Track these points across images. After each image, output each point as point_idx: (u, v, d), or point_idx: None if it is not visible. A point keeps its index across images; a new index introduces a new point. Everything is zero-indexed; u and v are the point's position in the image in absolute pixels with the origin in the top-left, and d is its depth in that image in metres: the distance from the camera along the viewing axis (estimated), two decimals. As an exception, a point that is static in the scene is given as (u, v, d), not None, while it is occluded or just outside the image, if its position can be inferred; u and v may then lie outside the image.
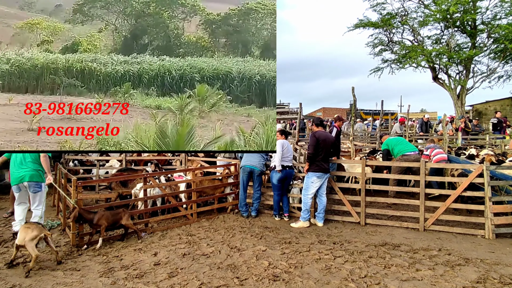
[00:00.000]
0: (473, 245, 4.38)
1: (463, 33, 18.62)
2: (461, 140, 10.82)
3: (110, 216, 4.45)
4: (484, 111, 23.01)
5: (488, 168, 4.77)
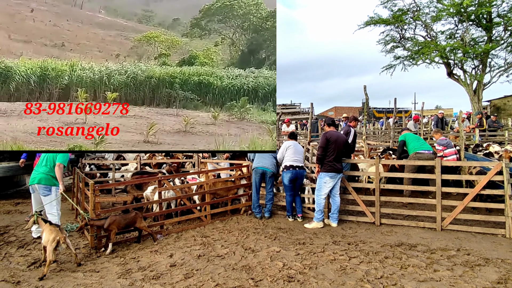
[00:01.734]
0: (493, 244, 4.27)
1: (478, 26, 18.12)
2: (478, 137, 10.52)
3: (122, 221, 4.48)
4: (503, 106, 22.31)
5: (507, 165, 4.63)
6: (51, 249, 3.65)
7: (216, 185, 5.86)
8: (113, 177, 7.48)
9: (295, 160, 5.56)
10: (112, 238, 4.38)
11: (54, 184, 4.79)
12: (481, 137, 11.02)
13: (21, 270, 3.81)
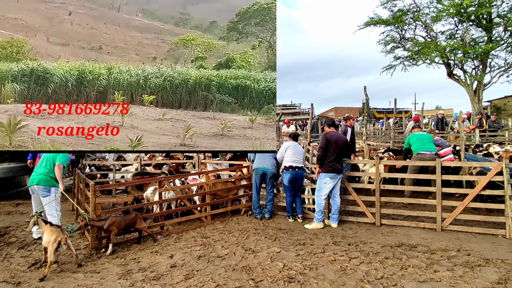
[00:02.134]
0: (493, 245, 4.27)
1: (478, 27, 18.13)
2: (478, 138, 10.52)
3: (122, 221, 4.48)
4: (503, 106, 22.30)
5: (507, 166, 4.63)
6: (52, 250, 3.65)
7: (217, 185, 5.87)
8: (113, 178, 7.49)
9: (294, 161, 5.57)
10: (112, 239, 4.38)
11: (54, 185, 4.79)
12: (481, 138, 11.02)
13: (22, 271, 3.82)
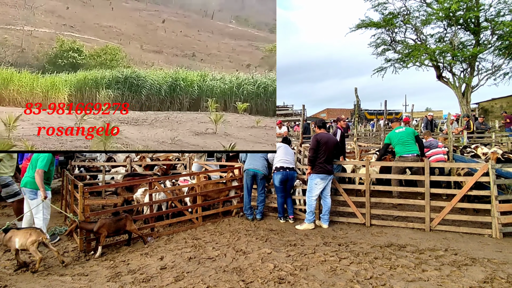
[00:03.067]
0: (480, 244, 4.35)
1: (466, 30, 18.53)
2: (466, 139, 10.73)
3: (112, 224, 4.43)
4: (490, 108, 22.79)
5: (493, 167, 4.73)
6: (34, 249, 3.74)
7: (208, 187, 5.85)
8: (103, 179, 7.40)
9: (285, 162, 5.59)
10: (102, 242, 4.32)
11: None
12: (469, 139, 11.23)
13: (8, 274, 3.75)
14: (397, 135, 6.69)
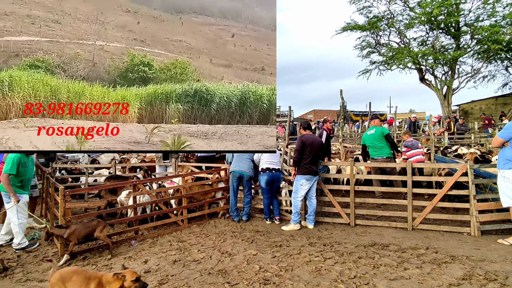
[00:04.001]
0: (459, 242, 4.48)
1: (447, 35, 19.10)
2: (447, 140, 11.05)
3: (82, 230, 4.25)
4: (470, 110, 23.53)
5: (472, 167, 4.88)
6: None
7: (193, 188, 5.80)
8: (86, 182, 7.23)
9: (271, 163, 5.61)
10: (70, 249, 4.14)
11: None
12: (450, 140, 11.57)
13: (-17, 282, 3.61)
14: (368, 137, 6.93)
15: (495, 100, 22.32)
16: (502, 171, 4.38)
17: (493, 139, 4.70)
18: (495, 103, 22.33)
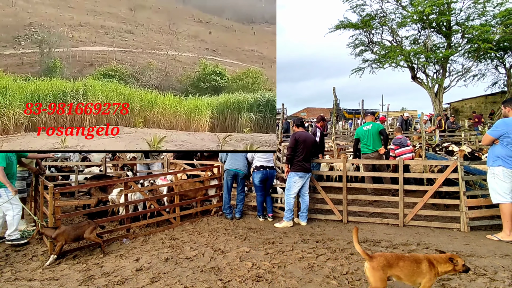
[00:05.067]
0: (449, 238, 4.54)
1: (439, 33, 19.28)
2: (438, 138, 11.18)
3: (71, 231, 4.17)
4: (461, 108, 23.86)
5: (462, 164, 4.95)
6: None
7: (185, 186, 5.76)
8: (76, 180, 7.12)
9: (265, 161, 5.61)
10: (57, 250, 4.04)
11: (1, 185, 4.53)
12: (440, 138, 11.71)
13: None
14: (364, 132, 7.05)
15: (485, 98, 22.68)
16: (491, 168, 4.44)
17: (483, 136, 4.76)
18: (485, 101, 22.70)
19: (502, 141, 4.34)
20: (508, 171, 4.28)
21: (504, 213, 4.35)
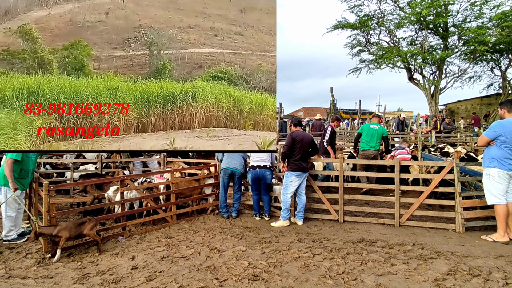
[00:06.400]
0: (444, 238, 4.57)
1: (435, 35, 19.39)
2: (434, 139, 11.25)
3: (73, 227, 4.14)
4: (456, 110, 24.03)
5: (457, 165, 4.98)
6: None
7: (181, 184, 5.73)
8: (71, 177, 7.06)
9: (259, 160, 5.60)
10: (61, 245, 4.00)
11: (5, 184, 4.49)
12: (436, 139, 11.79)
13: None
14: (370, 130, 7.15)
15: (480, 100, 22.86)
16: (487, 169, 4.47)
17: (479, 138, 4.79)
18: (480, 103, 22.88)
19: (498, 143, 4.37)
20: (504, 173, 4.31)
21: (498, 214, 4.39)
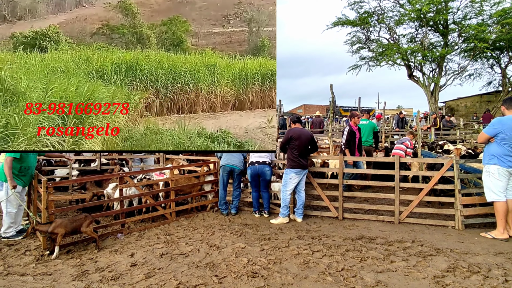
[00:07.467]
0: (444, 235, 4.57)
1: (436, 32, 19.31)
2: (434, 136, 11.24)
3: (69, 224, 4.13)
4: (456, 107, 24.01)
5: (457, 162, 4.97)
6: None
7: (180, 181, 5.72)
8: (70, 174, 7.05)
9: (258, 156, 5.59)
10: (58, 241, 4.00)
11: (6, 180, 4.48)
12: (436, 136, 11.78)
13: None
14: (367, 127, 7.56)
15: (480, 97, 22.83)
16: (487, 166, 4.46)
17: (479, 135, 4.78)
18: (480, 100, 22.85)
19: (497, 140, 4.36)
20: (503, 170, 4.31)
21: (498, 211, 4.38)
